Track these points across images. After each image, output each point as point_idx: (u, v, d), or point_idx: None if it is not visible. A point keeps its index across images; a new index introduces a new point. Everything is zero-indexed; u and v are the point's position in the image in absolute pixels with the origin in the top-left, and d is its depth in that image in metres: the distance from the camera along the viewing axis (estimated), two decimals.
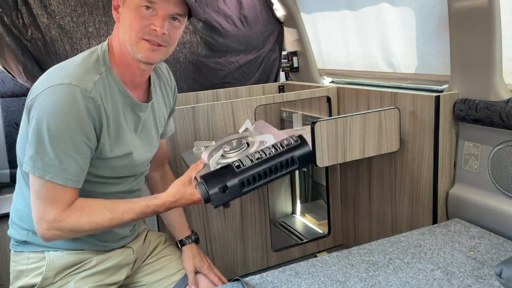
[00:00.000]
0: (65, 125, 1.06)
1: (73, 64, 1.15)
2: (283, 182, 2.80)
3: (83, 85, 1.09)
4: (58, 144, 1.07)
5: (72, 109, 1.06)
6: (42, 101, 1.06)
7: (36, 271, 1.25)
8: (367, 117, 1.70)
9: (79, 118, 1.08)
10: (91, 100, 1.10)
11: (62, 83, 1.07)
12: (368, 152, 1.74)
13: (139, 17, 1.11)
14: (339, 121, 1.65)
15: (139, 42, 1.13)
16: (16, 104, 2.35)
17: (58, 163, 1.07)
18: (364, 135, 1.71)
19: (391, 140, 1.77)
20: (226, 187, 1.13)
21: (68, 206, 1.12)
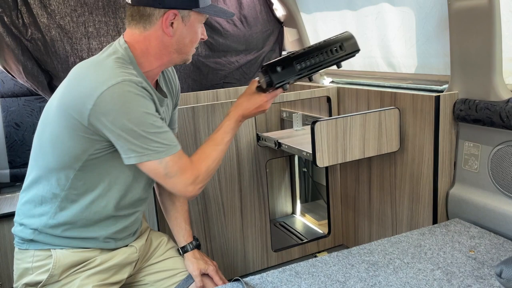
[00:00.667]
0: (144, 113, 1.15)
1: (107, 64, 1.18)
2: (283, 182, 2.80)
3: (134, 79, 1.16)
4: (149, 129, 1.15)
5: (138, 99, 1.15)
6: (109, 103, 1.11)
7: (42, 268, 1.27)
8: (367, 117, 1.70)
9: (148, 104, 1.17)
10: (145, 91, 1.18)
11: (116, 82, 1.12)
12: (368, 152, 1.74)
13: (198, 32, 1.29)
14: (339, 121, 1.65)
15: (192, 51, 1.32)
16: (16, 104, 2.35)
17: (162, 141, 1.18)
18: (364, 135, 1.71)
19: (391, 140, 1.77)
20: (283, 66, 1.31)
21: (191, 164, 1.25)
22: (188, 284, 1.47)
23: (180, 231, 1.54)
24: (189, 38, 1.27)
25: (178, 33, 1.24)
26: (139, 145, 1.15)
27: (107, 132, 1.14)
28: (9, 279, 2.01)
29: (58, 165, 1.21)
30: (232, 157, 1.98)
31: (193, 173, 1.25)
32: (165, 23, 1.22)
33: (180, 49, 1.27)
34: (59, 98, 1.20)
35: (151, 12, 1.21)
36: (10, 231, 2.00)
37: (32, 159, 1.29)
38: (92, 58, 1.24)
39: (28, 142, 2.36)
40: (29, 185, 1.29)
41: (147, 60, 1.26)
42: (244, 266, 2.12)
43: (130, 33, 1.26)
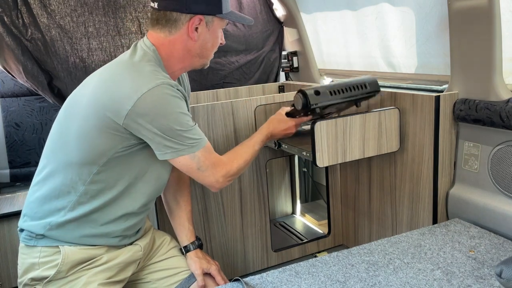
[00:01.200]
0: (180, 114, 1.23)
1: (144, 67, 1.25)
2: (283, 182, 2.80)
3: (171, 82, 1.23)
4: (184, 127, 1.24)
5: (175, 101, 1.23)
6: (149, 105, 1.18)
7: (49, 264, 1.28)
8: (367, 117, 1.70)
9: (183, 104, 1.26)
10: (179, 92, 1.26)
11: (156, 85, 1.19)
12: (368, 152, 1.74)
13: (219, 37, 1.37)
14: (339, 121, 1.65)
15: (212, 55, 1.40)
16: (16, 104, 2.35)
17: (194, 137, 1.26)
18: (364, 135, 1.71)
19: (391, 140, 1.77)
20: (318, 92, 1.52)
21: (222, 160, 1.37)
22: (190, 283, 1.48)
23: (183, 230, 1.56)
24: (211, 43, 1.35)
25: (202, 37, 1.31)
26: (176, 141, 1.23)
27: (143, 131, 1.20)
28: (9, 279, 2.01)
29: (82, 160, 1.25)
30: None
31: (225, 168, 1.36)
32: (191, 28, 1.28)
33: (202, 53, 1.35)
34: (91, 97, 1.23)
35: (177, 17, 1.27)
36: (10, 231, 2.00)
37: (50, 153, 1.31)
38: (124, 60, 1.29)
39: (28, 142, 2.36)
40: (45, 178, 1.30)
41: (171, 63, 1.33)
42: (244, 266, 2.12)
43: (155, 36, 1.31)
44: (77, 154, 1.25)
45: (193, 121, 1.29)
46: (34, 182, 1.35)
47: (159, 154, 1.25)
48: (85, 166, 1.25)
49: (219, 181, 1.36)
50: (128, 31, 2.22)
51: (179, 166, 1.30)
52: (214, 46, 1.37)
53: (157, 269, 1.51)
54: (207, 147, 1.31)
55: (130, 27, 2.22)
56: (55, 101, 2.15)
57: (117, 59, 1.32)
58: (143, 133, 1.21)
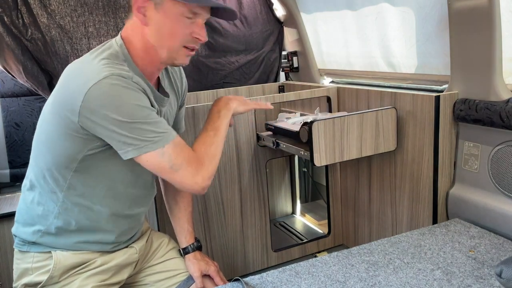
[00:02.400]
0: (135, 105, 1.10)
1: (95, 60, 1.14)
2: (283, 182, 2.80)
3: (123, 73, 1.11)
4: (141, 119, 1.10)
5: (128, 92, 1.09)
6: (97, 99, 1.07)
7: (42, 269, 1.27)
8: (364, 116, 1.71)
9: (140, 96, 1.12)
10: (136, 84, 1.13)
11: (103, 77, 1.07)
12: (366, 151, 1.75)
13: (182, 26, 1.15)
14: (336, 121, 1.66)
15: (180, 50, 1.19)
16: (16, 104, 2.35)
17: (157, 130, 1.13)
18: (361, 135, 1.73)
19: (388, 140, 1.79)
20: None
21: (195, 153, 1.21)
22: (188, 285, 1.46)
23: (182, 232, 1.54)
24: (169, 30, 1.15)
25: (154, 22, 1.15)
26: (134, 137, 1.10)
27: (99, 129, 1.10)
28: (9, 279, 2.01)
29: (55, 165, 1.20)
30: (232, 157, 1.98)
31: (199, 162, 1.20)
32: (136, 10, 1.15)
33: (161, 42, 1.17)
34: (52, 98, 1.18)
35: (129, 2, 1.17)
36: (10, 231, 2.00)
37: (32, 159, 1.28)
38: (83, 56, 1.20)
39: (28, 142, 2.36)
40: (30, 185, 1.28)
41: (138, 55, 1.20)
42: (244, 266, 2.12)
43: (124, 28, 1.23)
44: (49, 159, 1.20)
45: (158, 116, 1.16)
46: (23, 187, 1.32)
47: (121, 153, 1.13)
48: (59, 171, 1.20)
49: (198, 181, 1.19)
50: None
51: (148, 166, 1.15)
52: (176, 36, 1.16)
53: (155, 271, 1.49)
54: (176, 142, 1.16)
55: None
56: None
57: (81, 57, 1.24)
58: (99, 131, 1.10)
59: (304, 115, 2.16)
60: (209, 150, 1.24)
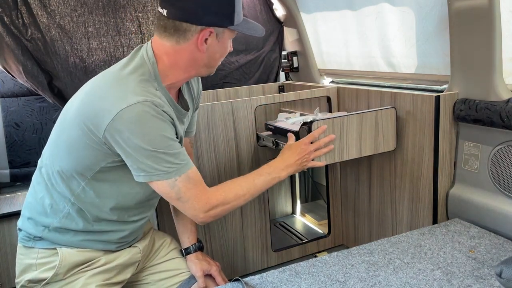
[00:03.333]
0: (159, 135, 1.15)
1: (131, 80, 1.18)
2: (283, 182, 2.80)
3: (155, 101, 1.15)
4: (161, 149, 1.15)
5: (155, 121, 1.14)
6: (126, 122, 1.11)
7: (47, 266, 1.28)
8: (364, 116, 1.71)
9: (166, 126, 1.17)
10: (165, 114, 1.18)
11: (137, 101, 1.11)
12: (365, 151, 1.75)
13: (228, 47, 1.29)
14: (336, 121, 1.65)
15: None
16: (16, 104, 2.35)
17: (174, 161, 1.17)
18: (361, 135, 1.72)
19: (387, 140, 1.79)
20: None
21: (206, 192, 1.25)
22: (190, 284, 1.47)
23: (185, 232, 1.55)
24: (220, 54, 1.27)
25: (211, 49, 1.24)
26: (149, 164, 1.15)
27: (118, 148, 1.15)
28: (9, 279, 2.02)
29: (72, 170, 1.23)
30: (232, 157, 1.98)
31: (209, 203, 1.24)
32: (201, 40, 1.21)
33: (209, 63, 1.28)
34: (78, 106, 1.20)
35: (187, 28, 1.19)
36: (10, 231, 2.00)
37: (48, 157, 1.29)
38: (116, 70, 1.22)
39: (28, 142, 2.36)
40: (41, 181, 1.30)
41: (175, 72, 1.25)
42: (244, 266, 2.12)
43: (160, 43, 1.24)
44: (66, 163, 1.23)
45: (180, 147, 1.21)
46: (33, 180, 1.34)
47: (134, 176, 1.19)
48: (75, 176, 1.23)
49: (200, 217, 1.25)
50: (128, 31, 2.22)
51: (157, 191, 1.22)
52: (222, 56, 1.30)
53: (157, 270, 1.50)
54: (191, 177, 1.21)
55: (130, 27, 2.22)
56: (55, 101, 2.14)
57: (111, 67, 1.27)
58: (119, 150, 1.15)
59: (303, 115, 2.16)
60: (226, 196, 1.28)
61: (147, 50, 1.24)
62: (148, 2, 2.24)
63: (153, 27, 2.27)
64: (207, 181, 1.95)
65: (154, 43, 1.25)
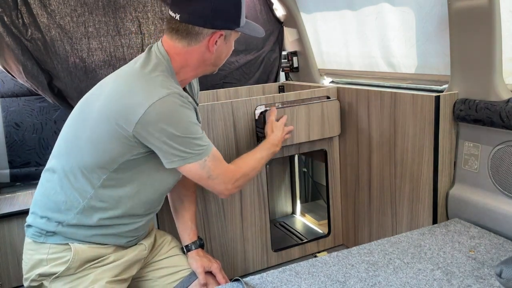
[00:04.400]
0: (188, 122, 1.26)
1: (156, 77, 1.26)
2: (283, 182, 2.80)
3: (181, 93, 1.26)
4: (193, 135, 1.26)
5: (184, 111, 1.25)
6: (159, 114, 1.20)
7: (59, 260, 1.30)
8: (311, 107, 2.00)
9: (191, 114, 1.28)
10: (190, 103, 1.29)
11: (166, 94, 1.21)
12: (313, 136, 2.04)
13: (233, 47, 1.42)
14: (287, 110, 1.93)
15: None
16: (16, 104, 2.35)
17: (201, 143, 1.28)
18: (309, 122, 2.00)
19: (332, 126, 2.09)
20: None
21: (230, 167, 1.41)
22: (191, 281, 1.50)
23: (185, 229, 1.58)
24: (226, 53, 1.40)
25: (219, 50, 1.35)
26: (183, 150, 1.24)
27: (152, 139, 1.22)
28: (9, 279, 2.01)
29: (94, 164, 1.27)
30: (232, 157, 1.97)
31: (234, 176, 1.40)
32: (212, 42, 1.31)
33: (216, 62, 1.39)
34: (104, 104, 1.25)
35: (199, 31, 1.28)
36: (10, 231, 2.00)
37: (62, 152, 1.33)
38: (137, 69, 1.29)
39: (28, 142, 2.36)
40: (54, 178, 1.32)
41: (184, 71, 1.35)
42: (244, 266, 2.12)
43: (171, 44, 1.32)
44: (89, 158, 1.27)
45: (202, 131, 1.32)
46: (43, 179, 1.36)
47: (166, 163, 1.27)
48: (96, 170, 1.27)
49: (228, 189, 1.39)
50: (128, 31, 2.22)
51: (188, 174, 1.32)
52: (228, 55, 1.42)
53: (158, 267, 1.53)
54: (215, 155, 1.33)
55: (130, 27, 2.22)
56: (55, 101, 2.14)
57: (130, 66, 1.33)
58: (152, 141, 1.22)
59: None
60: (245, 168, 1.46)
61: (159, 50, 1.32)
62: (148, 2, 2.24)
63: (153, 27, 2.27)
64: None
65: (165, 44, 1.33)
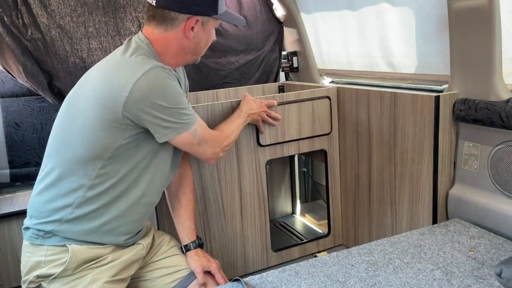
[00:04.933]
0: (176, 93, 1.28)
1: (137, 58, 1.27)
2: (283, 182, 2.80)
3: (164, 65, 1.28)
4: (181, 105, 1.29)
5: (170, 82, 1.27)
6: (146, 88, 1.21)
7: (56, 262, 1.30)
8: (302, 105, 2.03)
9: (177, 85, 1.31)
10: (174, 74, 1.32)
11: (150, 68, 1.22)
12: (304, 133, 2.05)
13: (212, 36, 1.42)
14: (279, 108, 1.96)
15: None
16: (16, 104, 2.35)
17: (188, 112, 1.32)
18: (300, 120, 2.03)
19: (323, 124, 2.11)
20: None
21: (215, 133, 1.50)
22: (190, 281, 1.49)
23: (184, 229, 1.57)
24: (205, 41, 1.40)
25: (197, 37, 1.36)
26: (173, 120, 1.27)
27: (143, 115, 1.23)
28: (9, 279, 2.01)
29: (87, 155, 1.27)
30: (232, 157, 1.98)
31: (220, 140, 1.48)
32: (188, 28, 1.32)
33: (195, 51, 1.39)
34: (91, 92, 1.26)
35: (175, 17, 1.30)
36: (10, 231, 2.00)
37: (53, 151, 1.33)
38: (118, 56, 1.30)
39: (28, 142, 2.36)
40: (49, 177, 1.32)
41: (165, 58, 1.36)
42: (244, 266, 2.12)
43: (149, 31, 1.34)
44: (81, 150, 1.27)
45: (187, 101, 1.36)
46: (38, 181, 1.36)
47: (159, 137, 1.28)
48: (90, 161, 1.27)
49: (216, 152, 1.45)
50: (128, 31, 2.22)
51: (179, 144, 1.35)
52: (207, 44, 1.42)
53: (157, 267, 1.52)
54: (201, 123, 1.38)
55: (130, 27, 2.22)
56: (55, 101, 2.14)
57: (111, 55, 1.35)
58: (143, 117, 1.23)
59: None
60: (227, 132, 1.56)
61: (139, 36, 1.35)
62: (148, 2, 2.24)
63: None
64: (207, 180, 1.96)
65: (144, 32, 1.36)
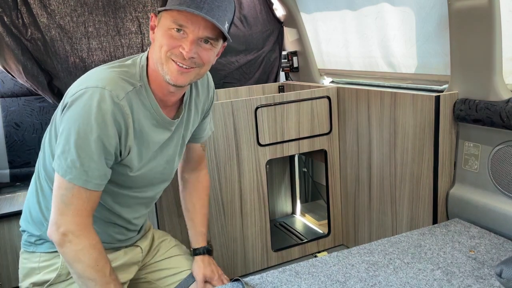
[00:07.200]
0: (91, 127, 1.07)
1: (112, 70, 1.15)
2: (283, 182, 2.80)
3: (115, 91, 1.10)
4: (82, 146, 1.08)
5: (99, 112, 1.07)
6: (76, 102, 1.08)
7: (49, 268, 1.28)
8: (301, 104, 2.04)
9: (105, 122, 1.08)
10: (119, 107, 1.11)
11: (96, 86, 1.08)
12: (303, 133, 2.07)
13: (168, 37, 1.12)
14: (278, 108, 1.99)
15: (168, 62, 1.14)
16: (16, 104, 2.35)
17: (79, 164, 1.09)
18: (299, 119, 2.05)
19: (322, 124, 2.12)
20: None
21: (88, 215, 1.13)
22: (189, 283, 1.47)
23: (194, 233, 1.54)
24: (159, 42, 1.14)
25: (156, 38, 1.16)
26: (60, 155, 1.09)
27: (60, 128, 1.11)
28: (9, 279, 2.01)
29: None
30: (232, 157, 1.98)
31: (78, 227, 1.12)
32: (152, 27, 1.18)
33: (154, 55, 1.16)
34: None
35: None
36: (10, 231, 2.00)
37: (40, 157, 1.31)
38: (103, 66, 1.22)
39: (28, 142, 2.36)
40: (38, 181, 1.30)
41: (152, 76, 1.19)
42: (244, 266, 2.12)
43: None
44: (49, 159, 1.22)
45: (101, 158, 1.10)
46: (31, 183, 1.35)
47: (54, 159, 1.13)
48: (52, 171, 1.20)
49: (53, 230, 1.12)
50: (128, 31, 2.22)
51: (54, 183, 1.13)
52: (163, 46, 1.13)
53: (156, 269, 1.50)
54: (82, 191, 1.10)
55: (130, 27, 2.22)
56: (55, 101, 2.14)
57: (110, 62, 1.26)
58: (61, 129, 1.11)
59: None
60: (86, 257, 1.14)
61: (143, 55, 1.23)
62: (148, 2, 2.24)
63: None
64: None
65: None
